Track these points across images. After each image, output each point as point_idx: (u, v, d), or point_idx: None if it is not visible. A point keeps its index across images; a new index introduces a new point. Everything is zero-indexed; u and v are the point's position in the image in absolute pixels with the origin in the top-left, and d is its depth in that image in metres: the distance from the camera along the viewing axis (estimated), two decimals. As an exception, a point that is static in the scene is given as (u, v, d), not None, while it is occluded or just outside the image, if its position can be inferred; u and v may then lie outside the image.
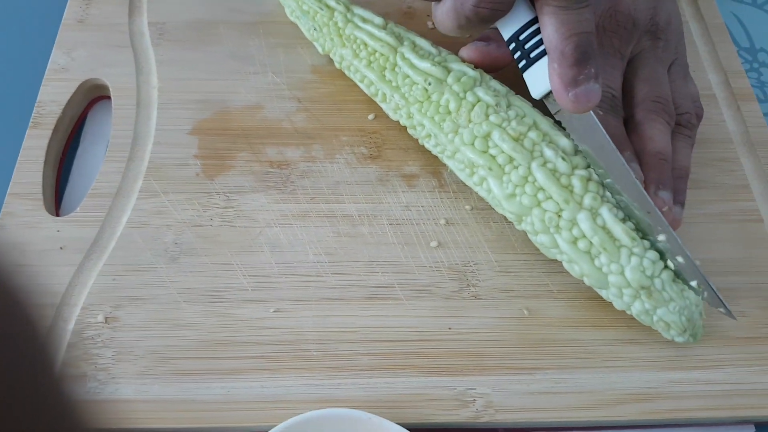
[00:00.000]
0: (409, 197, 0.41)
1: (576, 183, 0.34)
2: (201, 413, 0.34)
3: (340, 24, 0.42)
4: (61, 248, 0.39)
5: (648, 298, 0.33)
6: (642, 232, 0.35)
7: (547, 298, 0.38)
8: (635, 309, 0.34)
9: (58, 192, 0.43)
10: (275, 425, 0.32)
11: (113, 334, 0.36)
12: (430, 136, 0.39)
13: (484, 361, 0.36)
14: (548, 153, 0.35)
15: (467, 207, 0.41)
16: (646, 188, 0.35)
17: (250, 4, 0.50)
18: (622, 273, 0.34)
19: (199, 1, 0.50)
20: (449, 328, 0.37)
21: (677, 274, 0.34)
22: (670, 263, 0.34)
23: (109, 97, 0.45)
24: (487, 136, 0.36)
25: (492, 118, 0.36)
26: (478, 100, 0.37)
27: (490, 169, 0.36)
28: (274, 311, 0.37)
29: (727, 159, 0.44)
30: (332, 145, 0.43)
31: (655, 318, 0.34)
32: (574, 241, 0.34)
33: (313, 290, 0.38)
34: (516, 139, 0.36)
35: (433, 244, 0.40)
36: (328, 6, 0.43)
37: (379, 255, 0.39)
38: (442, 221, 0.41)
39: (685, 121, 0.39)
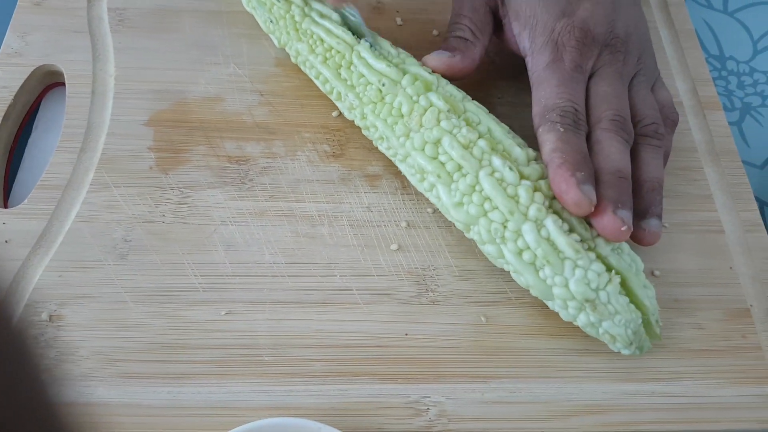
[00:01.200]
0: (371, 198, 0.41)
1: (522, 193, 0.34)
2: (145, 418, 0.33)
3: (296, 18, 0.41)
4: (6, 242, 0.37)
5: (593, 310, 0.33)
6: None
7: (505, 305, 0.37)
8: (581, 321, 0.34)
9: (7, 182, 0.41)
10: (222, 432, 0.31)
11: (57, 333, 0.35)
12: (383, 138, 0.38)
13: (440, 369, 0.35)
14: (496, 162, 0.34)
15: (429, 210, 0.40)
16: (603, 208, 0.34)
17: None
18: (566, 285, 0.33)
19: (162, -12, 0.48)
20: (406, 334, 0.36)
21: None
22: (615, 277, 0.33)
23: (64, 84, 0.44)
24: (437, 143, 0.35)
25: (443, 123, 0.35)
26: (431, 105, 0.36)
27: (439, 176, 0.35)
28: (226, 313, 0.36)
29: (691, 168, 0.43)
30: (294, 141, 0.42)
31: (600, 330, 0.34)
32: (519, 253, 0.34)
33: (267, 292, 0.37)
34: (465, 147, 0.35)
35: (393, 247, 0.39)
36: None
37: (338, 257, 0.38)
38: (404, 224, 0.40)
39: (651, 132, 0.38)
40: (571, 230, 0.34)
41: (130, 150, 0.40)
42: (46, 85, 0.45)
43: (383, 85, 0.37)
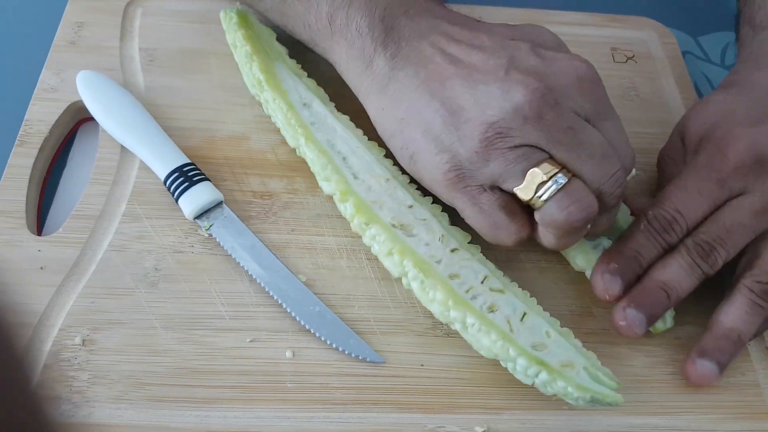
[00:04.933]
0: (388, 234, 0.42)
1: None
2: (174, 440, 0.34)
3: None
4: (41, 268, 0.39)
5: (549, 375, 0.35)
6: None
7: (517, 339, 0.39)
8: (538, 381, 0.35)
9: (41, 211, 0.43)
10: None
11: (90, 357, 0.36)
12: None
13: (455, 400, 0.37)
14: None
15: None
16: (620, 301, 0.38)
17: (241, 36, 0.51)
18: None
19: (191, 31, 0.51)
20: (422, 365, 0.38)
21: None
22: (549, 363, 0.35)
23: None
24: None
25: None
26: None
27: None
28: (251, 341, 0.38)
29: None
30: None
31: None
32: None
33: (290, 321, 0.39)
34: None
35: (410, 281, 0.41)
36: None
37: (356, 289, 0.40)
38: (419, 259, 0.42)
39: (759, 288, 0.38)
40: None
41: (161, 183, 0.43)
42: (80, 119, 0.47)
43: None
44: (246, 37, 0.46)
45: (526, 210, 0.37)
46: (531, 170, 0.34)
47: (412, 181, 0.41)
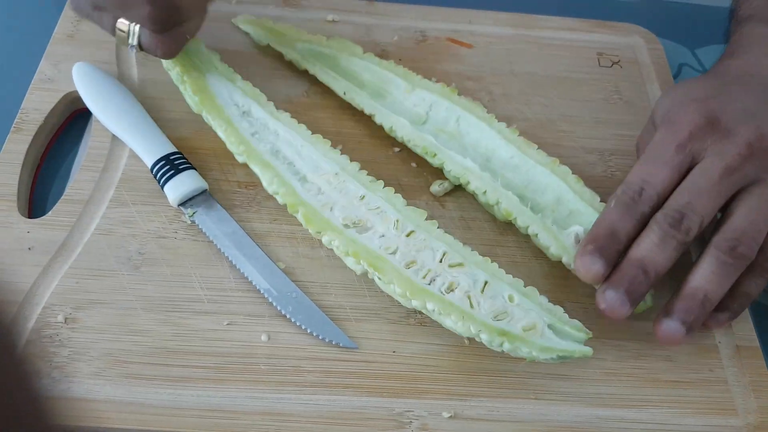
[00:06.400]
0: (368, 226, 0.44)
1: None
2: (147, 416, 0.36)
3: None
4: (29, 249, 0.40)
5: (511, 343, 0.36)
6: None
7: (488, 330, 0.40)
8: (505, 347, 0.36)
9: (32, 195, 0.45)
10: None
11: (71, 335, 0.38)
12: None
13: (424, 385, 0.38)
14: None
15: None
16: (602, 284, 0.38)
17: (234, 34, 0.52)
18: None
19: (186, 27, 0.52)
20: (393, 352, 0.39)
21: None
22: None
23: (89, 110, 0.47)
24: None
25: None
26: None
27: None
28: (227, 324, 0.39)
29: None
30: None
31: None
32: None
33: (267, 307, 0.40)
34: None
35: (386, 271, 0.42)
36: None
37: (333, 277, 0.41)
38: (397, 251, 0.43)
39: (727, 249, 0.38)
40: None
41: (149, 171, 0.44)
42: (74, 109, 0.48)
43: None
44: (175, 58, 0.45)
45: None
46: None
47: (370, 169, 0.42)
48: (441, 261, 0.38)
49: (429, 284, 0.37)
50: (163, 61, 0.46)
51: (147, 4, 0.38)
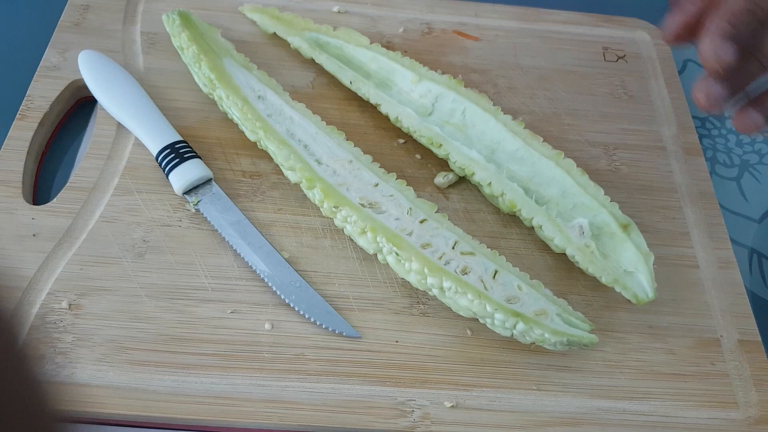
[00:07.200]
0: (372, 217, 0.44)
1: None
2: (150, 402, 0.36)
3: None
4: (34, 235, 0.40)
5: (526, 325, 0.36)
6: None
7: (491, 321, 0.40)
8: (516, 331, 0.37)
9: (37, 182, 0.45)
10: (221, 420, 0.33)
11: (75, 321, 0.38)
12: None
13: (426, 375, 0.38)
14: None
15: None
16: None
17: (240, 24, 0.52)
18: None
19: (192, 16, 0.52)
20: (396, 342, 0.39)
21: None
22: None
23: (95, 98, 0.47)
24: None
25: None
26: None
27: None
28: (231, 312, 0.39)
29: (671, 207, 0.46)
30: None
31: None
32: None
33: (270, 295, 0.40)
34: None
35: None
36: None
37: (337, 267, 0.41)
38: (400, 242, 0.43)
39: None
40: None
41: (154, 159, 0.44)
42: (80, 97, 0.48)
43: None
44: (191, 38, 0.46)
45: None
46: None
47: (375, 160, 0.43)
48: (453, 248, 0.38)
49: (445, 265, 0.38)
50: (174, 40, 0.47)
51: None
